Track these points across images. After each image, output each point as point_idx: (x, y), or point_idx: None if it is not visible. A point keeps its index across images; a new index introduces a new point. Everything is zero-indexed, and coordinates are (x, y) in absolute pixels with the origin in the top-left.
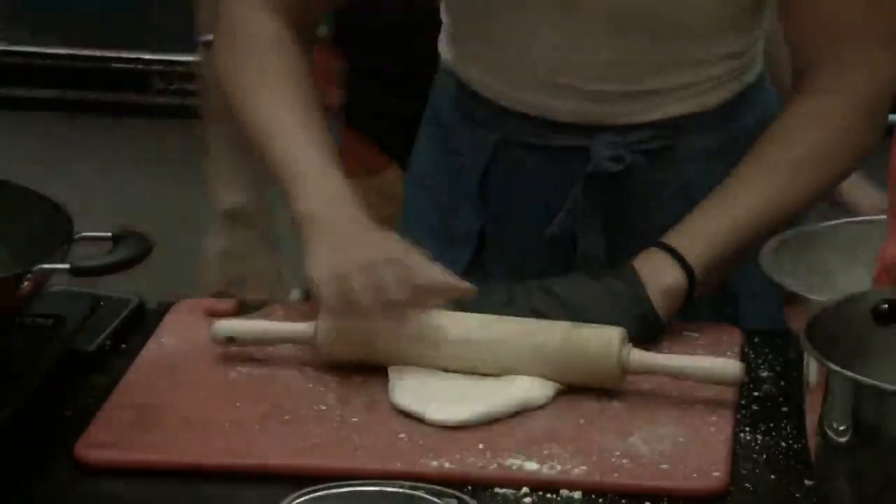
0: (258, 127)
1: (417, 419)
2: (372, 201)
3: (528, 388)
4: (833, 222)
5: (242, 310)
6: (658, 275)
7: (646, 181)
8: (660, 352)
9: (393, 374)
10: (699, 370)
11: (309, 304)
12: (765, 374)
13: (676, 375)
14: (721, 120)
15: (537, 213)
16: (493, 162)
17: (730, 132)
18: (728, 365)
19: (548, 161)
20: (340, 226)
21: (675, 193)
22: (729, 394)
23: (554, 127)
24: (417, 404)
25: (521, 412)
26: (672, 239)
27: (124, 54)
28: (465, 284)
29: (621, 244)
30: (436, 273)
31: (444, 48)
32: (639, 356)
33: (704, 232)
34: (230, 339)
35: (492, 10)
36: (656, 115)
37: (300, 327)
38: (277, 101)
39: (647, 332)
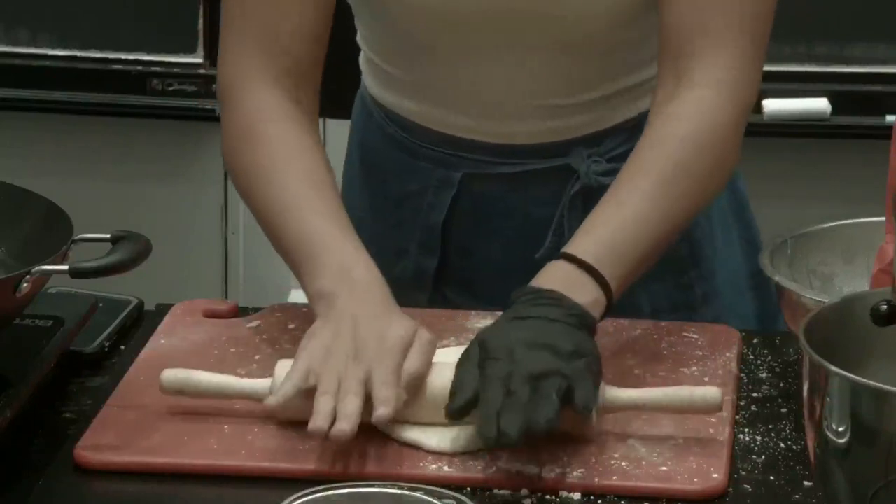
0: (267, 207)
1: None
2: None
3: None
4: (833, 223)
5: (241, 311)
6: (580, 293)
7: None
8: (660, 352)
9: None
10: (677, 400)
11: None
12: (764, 374)
13: (654, 409)
14: None
15: (507, 237)
16: (456, 198)
17: None
18: (707, 393)
19: (521, 186)
20: (346, 306)
21: None
22: (728, 395)
23: (524, 152)
24: (415, 435)
25: None
26: (578, 250)
27: (123, 56)
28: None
29: None
30: (419, 363)
31: (379, 92)
32: (613, 392)
33: (605, 241)
34: (179, 392)
35: (437, 57)
36: (618, 118)
37: (256, 384)
38: (287, 178)
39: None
